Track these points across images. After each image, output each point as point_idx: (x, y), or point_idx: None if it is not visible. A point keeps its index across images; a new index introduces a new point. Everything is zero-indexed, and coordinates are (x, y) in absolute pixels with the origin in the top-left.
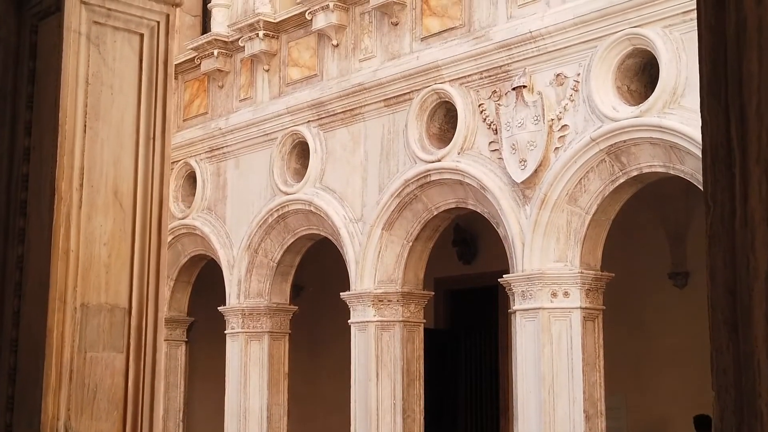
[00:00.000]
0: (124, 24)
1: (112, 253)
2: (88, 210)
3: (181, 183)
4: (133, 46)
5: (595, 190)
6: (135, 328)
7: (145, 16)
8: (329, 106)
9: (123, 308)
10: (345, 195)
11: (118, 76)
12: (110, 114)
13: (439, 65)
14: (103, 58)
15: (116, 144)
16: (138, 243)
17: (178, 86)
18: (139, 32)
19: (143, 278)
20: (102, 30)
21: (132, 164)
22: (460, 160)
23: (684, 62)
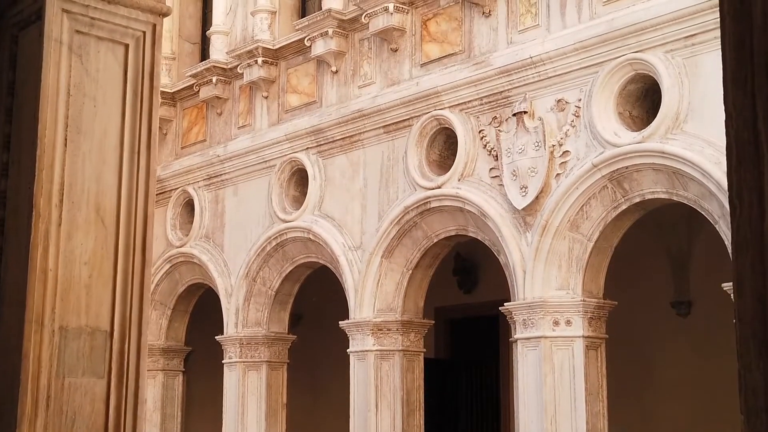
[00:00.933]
0: (108, 34)
1: (93, 273)
2: (69, 228)
3: (179, 211)
4: (118, 56)
5: (597, 216)
6: (117, 352)
7: (130, 25)
8: (328, 133)
9: (104, 331)
10: (344, 222)
11: (102, 87)
12: (93, 127)
13: (439, 91)
14: (86, 68)
15: (99, 158)
16: (121, 262)
17: (177, 113)
18: (124, 42)
19: (126, 300)
20: (85, 40)
21: (115, 180)
22: (460, 187)
23: (686, 87)
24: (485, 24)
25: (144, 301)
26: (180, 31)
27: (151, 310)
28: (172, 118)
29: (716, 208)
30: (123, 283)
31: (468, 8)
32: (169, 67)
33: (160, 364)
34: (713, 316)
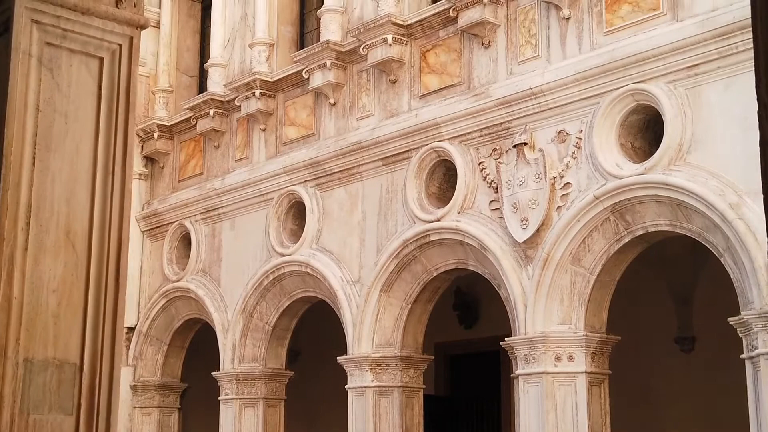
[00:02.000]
0: (82, 46)
1: (62, 301)
2: (36, 252)
3: (176, 245)
4: (92, 70)
5: (600, 249)
6: (87, 387)
7: (105, 38)
8: (326, 166)
9: (74, 364)
10: (342, 256)
11: (74, 103)
12: (63, 145)
13: (438, 123)
14: (57, 83)
15: (70, 178)
16: (92, 290)
17: (174, 147)
18: (99, 56)
19: (98, 330)
20: (56, 52)
21: (87, 201)
22: (460, 220)
23: (689, 118)
24: (485, 55)
25: (117, 332)
26: (177, 64)
27: (146, 345)
28: (170, 152)
29: (721, 240)
30: (95, 312)
31: (467, 39)
32: (167, 100)
33: (156, 401)
34: (717, 352)
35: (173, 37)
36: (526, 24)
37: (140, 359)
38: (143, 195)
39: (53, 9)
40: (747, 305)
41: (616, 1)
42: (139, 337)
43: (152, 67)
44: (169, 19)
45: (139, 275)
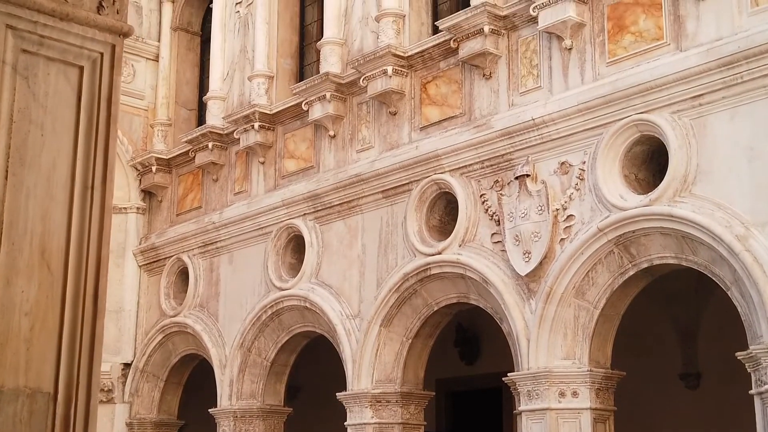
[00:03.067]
0: (60, 54)
1: (35, 325)
2: (7, 272)
3: (173, 279)
4: (71, 80)
5: (604, 283)
6: (61, 417)
7: (85, 45)
8: (326, 199)
9: (47, 393)
10: (342, 290)
11: (51, 114)
12: (39, 159)
13: (439, 155)
14: (33, 92)
15: (45, 194)
16: (69, 314)
17: (172, 180)
18: (78, 64)
19: (74, 357)
20: (33, 60)
21: (64, 219)
22: (461, 253)
23: (694, 149)
24: (486, 86)
25: (94, 359)
26: (176, 97)
27: (143, 382)
28: (168, 185)
29: (728, 273)
30: (70, 337)
31: (468, 71)
32: (165, 134)
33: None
34: (724, 388)
35: (172, 71)
36: (528, 55)
37: (136, 396)
38: (141, 229)
39: (29, 14)
40: (755, 339)
41: (619, 32)
42: (135, 373)
43: (151, 101)
44: (168, 53)
45: (136, 310)
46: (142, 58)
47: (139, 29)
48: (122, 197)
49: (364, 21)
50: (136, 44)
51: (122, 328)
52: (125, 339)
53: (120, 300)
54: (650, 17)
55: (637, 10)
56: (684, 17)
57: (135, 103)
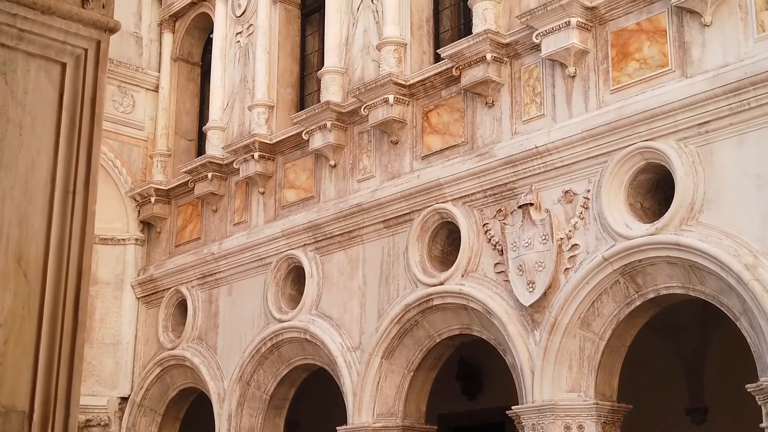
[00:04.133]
0: (41, 50)
1: (10, 339)
2: None
3: (172, 312)
4: (52, 77)
5: (610, 313)
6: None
7: (68, 41)
8: (326, 229)
9: (21, 412)
10: (342, 322)
11: (31, 113)
12: (17, 160)
13: (441, 184)
14: (11, 90)
15: (23, 198)
16: (47, 326)
17: (171, 211)
18: (61, 61)
19: (51, 373)
20: (11, 55)
21: (43, 224)
22: (463, 283)
23: (701, 177)
24: (488, 114)
25: (74, 375)
26: (176, 127)
27: (140, 416)
28: (167, 216)
29: (737, 303)
30: (48, 351)
31: (470, 99)
32: (164, 164)
33: None
34: (730, 423)
35: (172, 101)
36: (531, 82)
37: (133, 431)
38: (139, 261)
39: (8, 6)
40: (765, 371)
41: (623, 59)
42: (132, 407)
43: (150, 131)
44: (168, 83)
45: (133, 343)
46: (142, 88)
47: (138, 60)
48: (121, 229)
49: (365, 50)
50: (136, 75)
51: (119, 361)
52: (122, 372)
53: (117, 333)
54: (655, 44)
55: (641, 37)
56: (689, 44)
57: (134, 133)
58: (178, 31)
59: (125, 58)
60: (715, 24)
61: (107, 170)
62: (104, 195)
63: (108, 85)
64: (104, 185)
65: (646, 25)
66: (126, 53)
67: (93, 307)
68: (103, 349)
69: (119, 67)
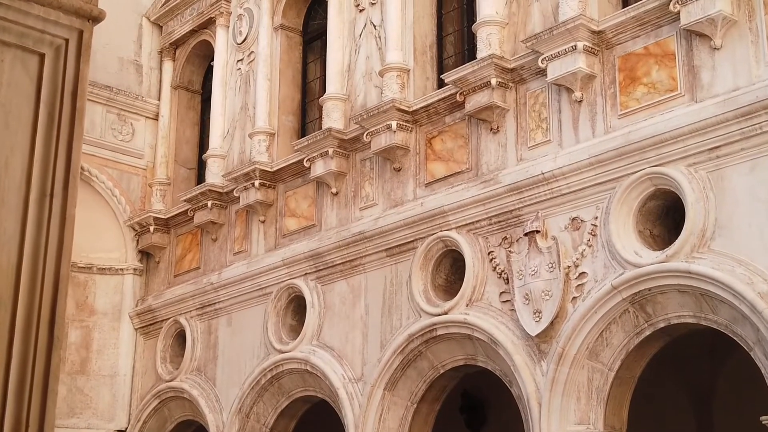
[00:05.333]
0: (18, 39)
1: None
2: None
3: (170, 343)
4: (30, 69)
5: (619, 343)
6: None
7: (48, 30)
8: (327, 258)
9: None
10: (344, 352)
11: (5, 107)
12: None
13: (445, 211)
14: None
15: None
16: (19, 343)
17: (171, 241)
18: (39, 51)
19: (23, 394)
20: None
21: (17, 230)
22: (468, 313)
23: (712, 203)
24: (493, 141)
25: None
26: (176, 156)
27: None
28: (166, 246)
29: (750, 332)
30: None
31: (475, 125)
32: (164, 193)
33: None
34: None
35: (172, 129)
36: (537, 108)
37: None
38: (137, 291)
39: None
40: None
41: (631, 83)
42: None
43: (150, 160)
44: (168, 111)
45: (131, 375)
46: (142, 116)
47: (138, 88)
48: (119, 258)
49: (368, 76)
50: (136, 103)
51: (117, 393)
52: (120, 405)
53: (115, 364)
54: (663, 68)
55: (649, 61)
56: (698, 68)
57: (133, 162)
58: (178, 59)
59: (125, 86)
60: (725, 47)
61: (106, 199)
62: (102, 224)
63: (107, 113)
64: (102, 214)
65: (654, 49)
66: (126, 81)
67: (90, 338)
68: (100, 381)
69: (119, 95)
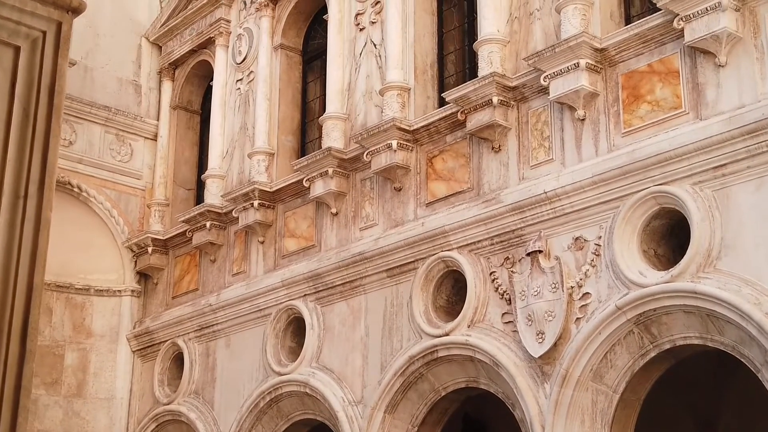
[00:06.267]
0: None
1: None
2: None
3: (168, 365)
4: (4, 62)
5: (623, 365)
6: None
7: (24, 21)
8: (327, 279)
9: None
10: (344, 375)
11: None
12: None
13: (446, 231)
14: None
15: None
16: None
17: (169, 262)
18: (14, 44)
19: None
20: None
21: None
22: (470, 334)
23: (718, 222)
24: (495, 160)
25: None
26: (175, 176)
27: None
28: (164, 267)
29: (758, 354)
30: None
31: (476, 144)
32: (162, 214)
33: None
34: None
35: (171, 150)
36: (539, 126)
37: None
38: (135, 313)
39: None
40: None
41: (635, 101)
42: None
43: (148, 180)
44: (167, 132)
45: (128, 398)
46: (141, 137)
47: (137, 108)
48: (117, 280)
49: (368, 95)
50: (135, 123)
51: (114, 417)
52: (116, 428)
53: (112, 387)
54: (667, 86)
55: (653, 79)
56: (703, 85)
57: (132, 183)
58: (177, 79)
59: (124, 106)
60: (730, 64)
61: (104, 220)
62: (100, 245)
63: (106, 133)
64: (100, 236)
65: (658, 67)
66: (124, 102)
67: (87, 361)
68: (97, 405)
69: (117, 115)
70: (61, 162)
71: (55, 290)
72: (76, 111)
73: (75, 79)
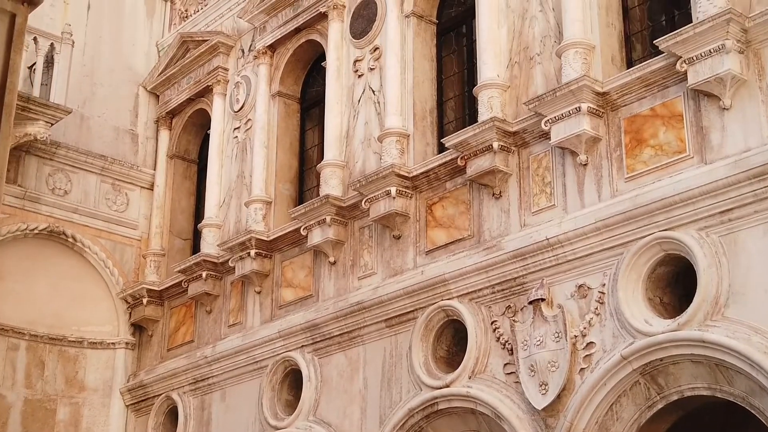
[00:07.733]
0: None
1: None
2: None
3: (162, 420)
4: None
5: (630, 417)
6: None
7: None
8: (325, 329)
9: None
10: (342, 428)
11: None
12: None
13: (446, 279)
14: None
15: None
16: None
17: (164, 313)
18: None
19: None
20: None
21: None
22: (471, 386)
23: (726, 268)
24: (495, 206)
25: None
26: (171, 226)
27: None
28: (159, 318)
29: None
30: None
31: (476, 190)
32: (158, 265)
33: None
34: None
35: (167, 199)
36: (540, 172)
37: None
38: (129, 366)
39: None
40: None
41: (637, 145)
42: None
43: (144, 230)
44: (163, 181)
45: None
46: (137, 186)
47: (134, 157)
48: (111, 332)
49: (367, 142)
50: (131, 172)
51: None
52: None
53: None
54: (671, 129)
55: (656, 123)
56: (707, 128)
57: (127, 233)
58: (174, 128)
59: (120, 155)
60: (734, 107)
61: (98, 271)
62: (94, 296)
63: (101, 183)
64: (95, 286)
65: (661, 110)
66: (121, 151)
67: (80, 416)
68: None
69: (113, 164)
70: (56, 212)
71: (48, 342)
72: (71, 160)
73: (71, 128)
